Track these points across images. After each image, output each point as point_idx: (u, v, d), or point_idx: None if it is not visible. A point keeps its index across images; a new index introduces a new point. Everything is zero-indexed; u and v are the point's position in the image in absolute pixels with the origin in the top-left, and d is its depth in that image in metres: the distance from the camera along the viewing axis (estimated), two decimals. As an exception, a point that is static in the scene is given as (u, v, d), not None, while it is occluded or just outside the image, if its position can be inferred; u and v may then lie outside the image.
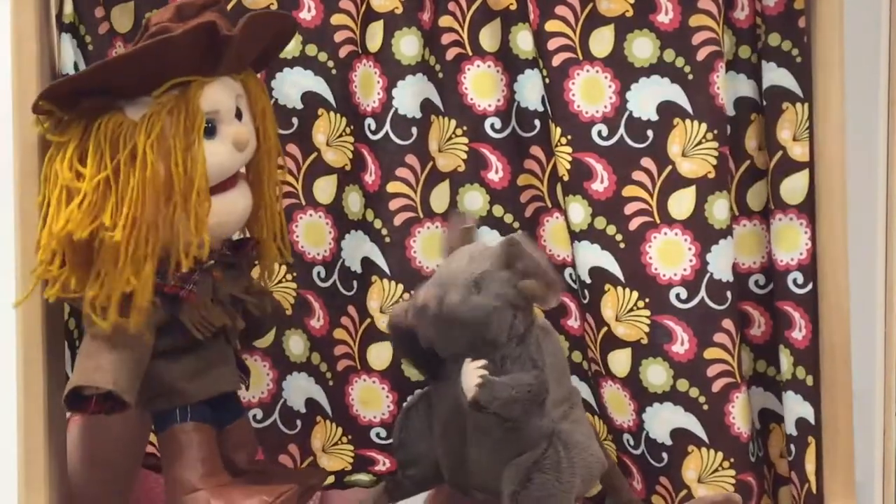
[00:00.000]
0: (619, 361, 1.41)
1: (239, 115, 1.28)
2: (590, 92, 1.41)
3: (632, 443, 1.44)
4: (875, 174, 1.57)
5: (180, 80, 1.22)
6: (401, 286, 1.46)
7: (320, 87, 1.46)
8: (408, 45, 1.44)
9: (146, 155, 1.19)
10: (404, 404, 1.39)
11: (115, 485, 1.49)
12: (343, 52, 1.46)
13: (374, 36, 1.44)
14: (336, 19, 1.45)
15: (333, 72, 1.46)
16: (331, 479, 1.53)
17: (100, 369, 1.20)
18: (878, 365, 1.59)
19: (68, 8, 1.42)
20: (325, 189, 1.49)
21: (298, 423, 1.54)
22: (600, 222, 1.41)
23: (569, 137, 1.41)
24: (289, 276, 1.49)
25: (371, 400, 1.49)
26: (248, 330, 1.37)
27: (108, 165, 1.19)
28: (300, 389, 1.53)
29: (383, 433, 1.50)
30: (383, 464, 1.51)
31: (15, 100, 1.35)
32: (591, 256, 1.41)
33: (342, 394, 1.51)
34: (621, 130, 1.41)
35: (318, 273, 1.50)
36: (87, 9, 1.44)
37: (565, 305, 1.48)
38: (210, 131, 1.24)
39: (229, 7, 1.45)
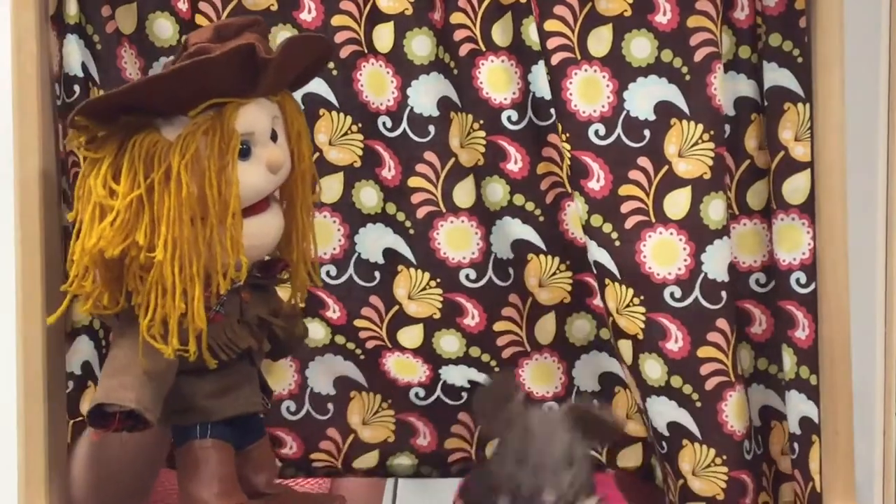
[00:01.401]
0: (625, 351, 1.42)
1: (274, 137, 1.26)
2: (587, 91, 1.41)
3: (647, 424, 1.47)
4: (875, 174, 1.57)
5: (217, 101, 1.21)
6: (427, 274, 1.48)
7: (321, 87, 1.46)
8: (420, 46, 1.45)
9: (180, 175, 1.18)
10: None
11: (129, 497, 1.48)
12: (345, 53, 1.46)
13: (383, 37, 1.45)
14: (337, 20, 1.45)
15: (334, 72, 1.46)
16: (373, 463, 1.53)
17: (124, 387, 1.19)
18: (878, 365, 1.59)
19: (73, 9, 1.41)
20: (330, 188, 1.48)
21: (330, 406, 1.54)
22: (596, 220, 1.41)
23: (567, 136, 1.41)
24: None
25: (406, 368, 1.51)
26: (273, 350, 1.37)
27: (142, 184, 1.18)
28: (327, 372, 1.53)
29: (422, 393, 1.51)
30: (424, 436, 1.52)
31: (15, 100, 1.35)
32: (590, 252, 1.42)
33: (375, 365, 1.51)
34: (618, 130, 1.41)
35: (328, 272, 1.50)
36: (93, 8, 1.43)
37: (590, 286, 1.49)
38: (244, 153, 1.22)
39: (229, 8, 1.45)
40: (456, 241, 1.48)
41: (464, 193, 1.48)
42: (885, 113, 1.55)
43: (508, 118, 1.46)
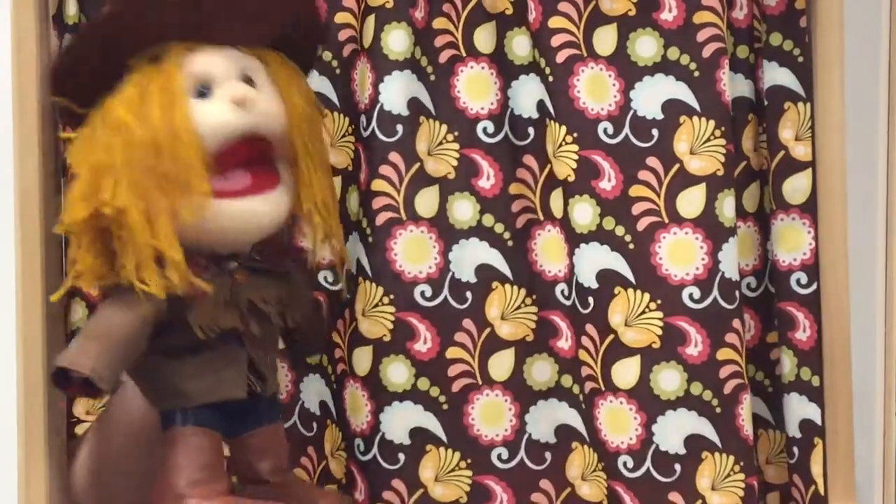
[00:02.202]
0: (627, 371, 1.40)
1: (251, 82, 1.23)
2: (594, 89, 1.40)
3: (630, 465, 1.41)
4: (875, 174, 1.58)
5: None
6: (381, 288, 1.43)
7: (325, 87, 1.44)
8: (396, 41, 1.42)
9: (126, 119, 1.16)
10: None
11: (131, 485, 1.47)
12: (346, 51, 1.45)
13: (368, 31, 1.43)
14: (340, 17, 1.44)
15: (337, 71, 1.45)
16: None
17: (84, 353, 1.18)
18: (878, 365, 1.59)
19: (72, 9, 1.41)
20: None
21: (314, 425, 1.52)
22: (609, 222, 1.40)
23: (575, 135, 1.40)
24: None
25: (356, 407, 1.46)
26: (297, 345, 1.36)
27: (100, 142, 1.17)
28: (315, 392, 1.51)
29: (362, 446, 1.46)
30: (360, 491, 1.46)
31: (15, 100, 1.35)
32: (600, 259, 1.40)
33: (341, 398, 1.48)
34: (626, 129, 1.41)
35: (325, 277, 1.48)
36: (93, 9, 1.42)
37: (555, 326, 1.46)
38: (202, 94, 1.19)
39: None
40: (413, 252, 1.44)
41: (426, 203, 1.44)
42: (885, 113, 1.56)
43: (484, 129, 1.45)
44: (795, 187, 1.39)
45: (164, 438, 1.26)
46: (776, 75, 1.39)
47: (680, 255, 1.39)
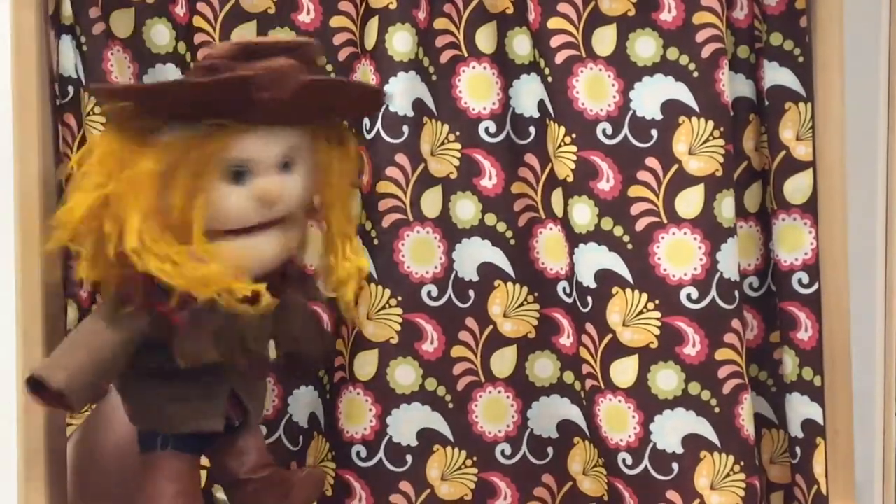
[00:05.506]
0: (625, 370, 1.40)
1: (288, 166, 1.22)
2: (593, 90, 1.40)
3: (629, 462, 1.41)
4: (875, 174, 1.58)
5: (219, 122, 1.17)
6: (387, 291, 1.43)
7: None
8: (401, 42, 1.41)
9: (144, 183, 1.16)
10: None
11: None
12: (343, 55, 1.45)
13: (370, 33, 1.43)
14: (335, 21, 1.45)
15: (333, 75, 1.44)
16: None
17: (59, 366, 1.19)
18: (878, 365, 1.59)
19: (67, 9, 1.41)
20: None
21: (300, 439, 1.51)
22: (607, 223, 1.40)
23: (573, 136, 1.39)
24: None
25: (355, 414, 1.45)
26: (295, 366, 1.37)
27: (114, 177, 1.17)
28: (305, 405, 1.50)
29: (363, 453, 1.45)
30: (360, 499, 1.45)
31: (15, 100, 1.35)
32: (598, 259, 1.40)
33: (333, 407, 1.47)
34: (625, 130, 1.40)
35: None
36: (82, 9, 1.42)
37: (557, 323, 1.46)
38: (239, 177, 1.19)
39: (226, 9, 1.44)
40: (420, 253, 1.44)
41: (430, 204, 1.44)
42: (885, 113, 1.56)
43: (486, 129, 1.45)
44: (796, 187, 1.39)
45: (142, 460, 1.27)
46: (777, 75, 1.39)
47: (678, 255, 1.39)
